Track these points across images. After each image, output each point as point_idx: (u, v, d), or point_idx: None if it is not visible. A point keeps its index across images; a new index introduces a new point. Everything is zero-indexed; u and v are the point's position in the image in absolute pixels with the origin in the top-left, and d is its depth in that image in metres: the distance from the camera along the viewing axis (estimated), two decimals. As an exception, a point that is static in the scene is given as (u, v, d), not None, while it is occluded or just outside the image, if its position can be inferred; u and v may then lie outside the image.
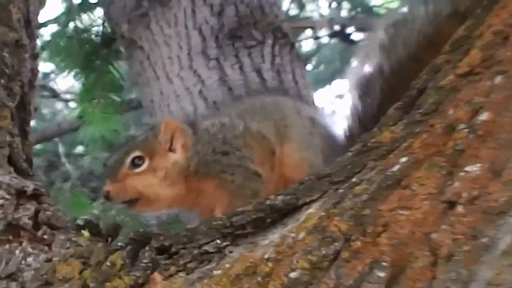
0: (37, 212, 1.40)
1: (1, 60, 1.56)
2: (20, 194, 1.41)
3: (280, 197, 1.20)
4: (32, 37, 1.74)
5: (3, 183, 1.40)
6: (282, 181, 1.65)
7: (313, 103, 2.42)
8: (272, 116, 1.70)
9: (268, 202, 1.20)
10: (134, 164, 1.63)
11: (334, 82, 5.34)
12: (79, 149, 5.89)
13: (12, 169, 1.46)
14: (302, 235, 1.12)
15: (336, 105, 5.59)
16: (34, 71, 1.71)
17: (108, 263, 1.22)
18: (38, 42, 1.97)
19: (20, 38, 1.63)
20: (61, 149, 5.67)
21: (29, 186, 1.42)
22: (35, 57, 1.74)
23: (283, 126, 1.69)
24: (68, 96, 6.21)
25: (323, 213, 1.13)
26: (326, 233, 1.09)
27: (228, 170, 1.62)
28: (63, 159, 5.64)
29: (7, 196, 1.39)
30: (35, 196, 1.43)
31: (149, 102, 2.60)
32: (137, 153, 1.64)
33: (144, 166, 1.63)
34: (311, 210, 1.16)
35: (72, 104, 6.21)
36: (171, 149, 1.67)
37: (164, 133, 1.66)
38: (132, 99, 4.33)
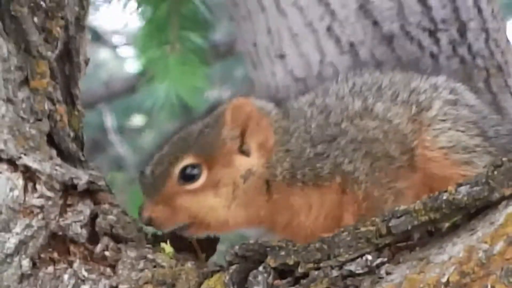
0: (94, 216, 1.22)
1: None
2: (68, 189, 1.22)
3: (463, 189, 1.05)
4: None
5: (43, 173, 1.19)
6: (427, 188, 1.32)
7: (506, 40, 2.09)
8: (402, 96, 1.39)
9: (445, 196, 1.05)
10: (186, 176, 1.30)
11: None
12: (137, 121, 4.88)
13: (54, 153, 1.26)
14: (500, 246, 1.00)
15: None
16: (83, 2, 1.41)
17: (203, 293, 1.14)
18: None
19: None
20: (109, 120, 4.53)
21: (81, 177, 1.23)
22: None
23: (417, 108, 1.39)
24: (118, 40, 4.99)
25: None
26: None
27: (344, 158, 1.29)
28: (113, 136, 4.52)
29: (49, 194, 1.19)
30: (91, 192, 1.24)
31: (251, 46, 2.27)
32: (189, 159, 1.30)
33: (201, 180, 1.30)
34: (514, 208, 1.03)
35: (125, 52, 5.04)
36: (242, 150, 1.32)
37: (231, 123, 1.31)
38: (220, 43, 3.65)
